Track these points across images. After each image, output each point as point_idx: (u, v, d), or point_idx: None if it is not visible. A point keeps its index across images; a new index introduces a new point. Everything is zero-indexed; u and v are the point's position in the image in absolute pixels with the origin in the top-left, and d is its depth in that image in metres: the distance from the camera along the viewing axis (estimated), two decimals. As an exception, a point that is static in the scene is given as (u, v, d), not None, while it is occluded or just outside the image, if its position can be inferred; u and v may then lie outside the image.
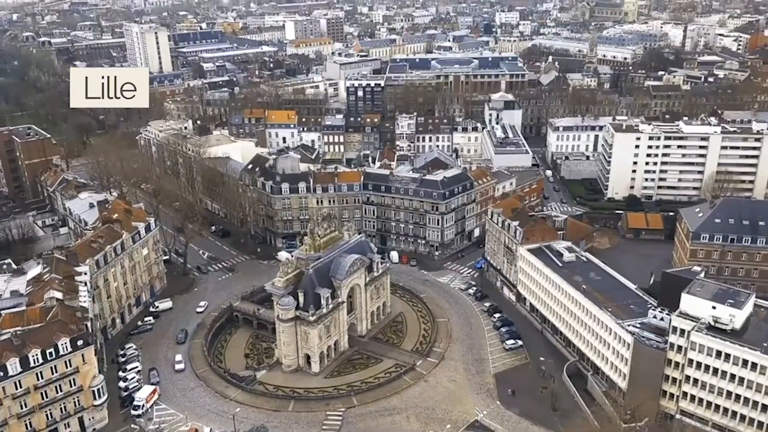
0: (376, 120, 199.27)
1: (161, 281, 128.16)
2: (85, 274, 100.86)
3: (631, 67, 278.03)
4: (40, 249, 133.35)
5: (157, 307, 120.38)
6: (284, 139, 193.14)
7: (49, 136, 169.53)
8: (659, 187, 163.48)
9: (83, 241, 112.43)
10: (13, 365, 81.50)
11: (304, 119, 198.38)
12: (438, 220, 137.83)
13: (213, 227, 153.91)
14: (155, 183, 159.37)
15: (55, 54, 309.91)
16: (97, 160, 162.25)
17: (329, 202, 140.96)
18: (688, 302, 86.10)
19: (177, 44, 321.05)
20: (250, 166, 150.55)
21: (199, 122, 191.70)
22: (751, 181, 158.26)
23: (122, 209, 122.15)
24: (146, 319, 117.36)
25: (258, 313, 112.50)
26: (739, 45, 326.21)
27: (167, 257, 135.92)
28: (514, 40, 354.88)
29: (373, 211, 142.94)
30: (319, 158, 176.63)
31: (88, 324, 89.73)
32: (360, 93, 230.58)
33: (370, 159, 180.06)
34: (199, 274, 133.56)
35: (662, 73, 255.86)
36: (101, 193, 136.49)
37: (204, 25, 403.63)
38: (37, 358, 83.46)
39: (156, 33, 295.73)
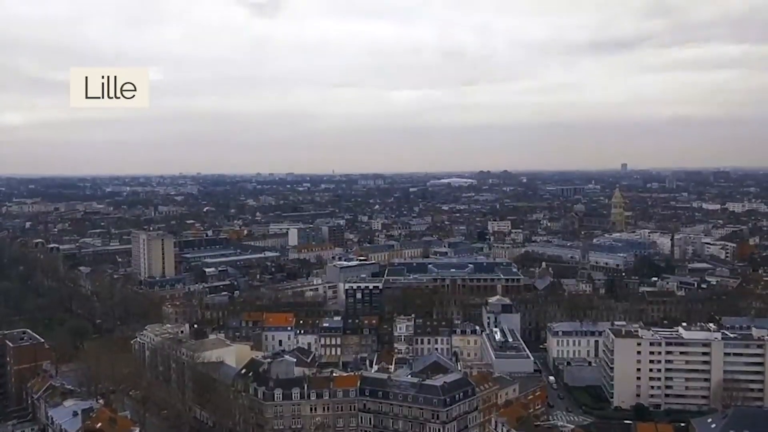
0: (374, 322, 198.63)
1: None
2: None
3: (624, 274, 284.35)
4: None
5: None
6: (280, 342, 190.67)
7: (42, 340, 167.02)
8: (666, 395, 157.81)
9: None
10: None
11: (301, 321, 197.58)
12: (439, 430, 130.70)
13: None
14: (144, 389, 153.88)
15: (62, 259, 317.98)
16: (87, 365, 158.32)
17: (324, 409, 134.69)
18: None
19: (182, 250, 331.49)
20: (243, 371, 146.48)
21: (196, 326, 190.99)
22: (760, 390, 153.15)
23: (107, 418, 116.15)
24: None
25: None
26: (727, 253, 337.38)
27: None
28: (507, 247, 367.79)
29: (370, 419, 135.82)
30: (315, 361, 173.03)
31: None
32: (359, 295, 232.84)
33: (367, 362, 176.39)
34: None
35: (655, 279, 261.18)
36: (87, 401, 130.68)
37: (210, 232, 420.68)
38: None
39: (162, 240, 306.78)
